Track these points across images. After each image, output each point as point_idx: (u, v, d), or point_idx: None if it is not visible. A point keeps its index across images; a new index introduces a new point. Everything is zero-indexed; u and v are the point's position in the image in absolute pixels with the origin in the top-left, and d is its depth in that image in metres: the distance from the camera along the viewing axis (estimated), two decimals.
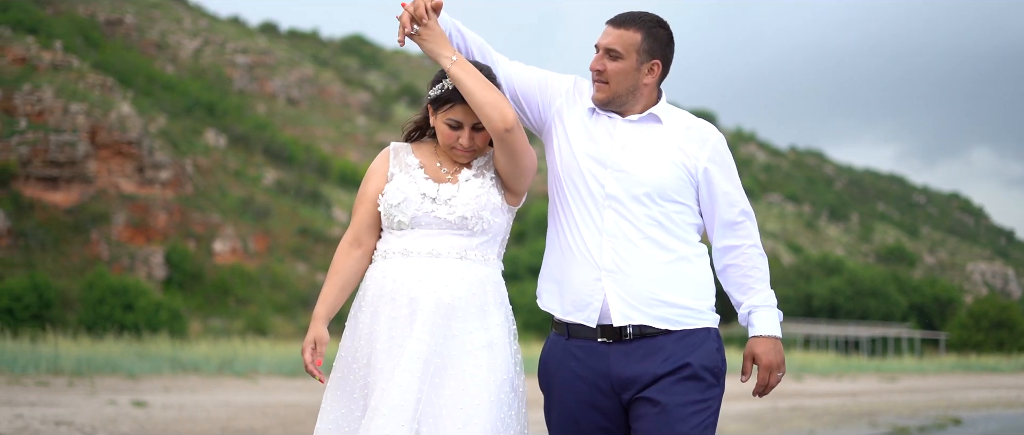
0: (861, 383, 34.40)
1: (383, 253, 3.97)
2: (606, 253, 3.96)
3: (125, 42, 67.74)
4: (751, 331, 4.04)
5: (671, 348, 3.92)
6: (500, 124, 3.85)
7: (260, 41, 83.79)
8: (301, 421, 13.51)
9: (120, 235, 45.69)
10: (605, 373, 3.94)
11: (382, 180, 4.00)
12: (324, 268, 51.26)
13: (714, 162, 4.05)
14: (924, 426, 17.74)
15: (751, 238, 4.07)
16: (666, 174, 3.99)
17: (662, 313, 3.93)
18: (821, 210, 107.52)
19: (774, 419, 17.42)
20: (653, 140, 4.05)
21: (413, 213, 3.91)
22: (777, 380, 4.04)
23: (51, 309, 36.21)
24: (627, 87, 4.03)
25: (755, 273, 4.05)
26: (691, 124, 4.11)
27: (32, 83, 47.63)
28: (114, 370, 20.83)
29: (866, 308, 70.73)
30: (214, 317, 43.74)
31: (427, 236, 3.92)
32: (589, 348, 3.97)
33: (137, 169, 48.01)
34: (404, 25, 3.93)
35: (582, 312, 3.98)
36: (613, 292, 3.94)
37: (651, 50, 4.03)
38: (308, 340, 3.95)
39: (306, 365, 3.92)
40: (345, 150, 69.85)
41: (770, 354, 3.99)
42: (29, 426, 10.39)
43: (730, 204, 4.06)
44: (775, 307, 4.06)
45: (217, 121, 62.06)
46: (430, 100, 3.97)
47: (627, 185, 3.98)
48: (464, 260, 3.92)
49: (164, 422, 12.17)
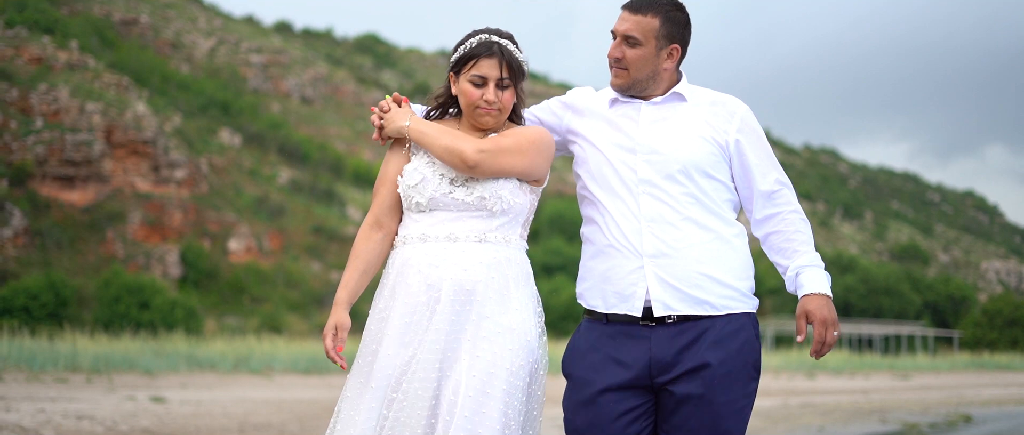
0: (874, 381, 34.45)
1: (402, 239, 3.91)
2: (647, 239, 3.89)
3: (140, 42, 68.06)
4: (801, 291, 3.91)
5: (715, 335, 3.85)
6: (461, 165, 3.82)
7: (274, 40, 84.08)
8: (317, 416, 13.71)
9: (136, 234, 45.97)
10: (644, 356, 3.86)
11: (402, 160, 3.95)
12: (339, 266, 51.48)
13: (744, 134, 4.00)
14: (934, 423, 17.82)
15: (791, 204, 4.00)
16: (697, 149, 3.93)
17: (706, 296, 3.86)
18: (835, 208, 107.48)
19: (784, 416, 17.55)
20: (680, 118, 3.99)
21: (431, 194, 3.85)
22: (834, 338, 3.89)
23: (67, 307, 36.48)
24: (647, 73, 3.97)
25: (798, 237, 3.97)
26: (716, 99, 4.06)
27: (48, 83, 47.95)
28: (131, 367, 21.05)
29: (880, 306, 70.72)
30: (229, 315, 43.98)
31: (446, 220, 3.85)
32: (629, 332, 3.89)
33: (152, 168, 48.29)
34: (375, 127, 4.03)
35: (626, 303, 3.90)
36: (655, 279, 3.87)
37: (670, 35, 3.97)
38: (329, 326, 3.86)
39: (327, 351, 3.86)
40: (359, 149, 70.08)
41: (823, 309, 3.85)
42: (52, 420, 10.61)
43: (764, 174, 4.00)
44: (822, 267, 3.96)
45: (232, 120, 62.33)
46: (452, 65, 3.93)
47: (660, 166, 3.92)
48: (483, 243, 3.85)
49: (183, 418, 12.38)
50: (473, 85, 3.85)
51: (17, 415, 10.72)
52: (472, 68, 3.85)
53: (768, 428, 14.88)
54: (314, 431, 12.11)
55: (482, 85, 3.84)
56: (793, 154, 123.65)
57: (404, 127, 3.90)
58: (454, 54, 3.91)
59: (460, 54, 3.88)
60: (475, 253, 3.83)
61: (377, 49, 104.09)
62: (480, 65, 3.84)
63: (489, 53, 3.85)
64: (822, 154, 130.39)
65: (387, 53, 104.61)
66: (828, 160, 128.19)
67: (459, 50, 3.89)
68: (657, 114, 3.99)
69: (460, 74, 3.88)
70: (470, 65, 3.85)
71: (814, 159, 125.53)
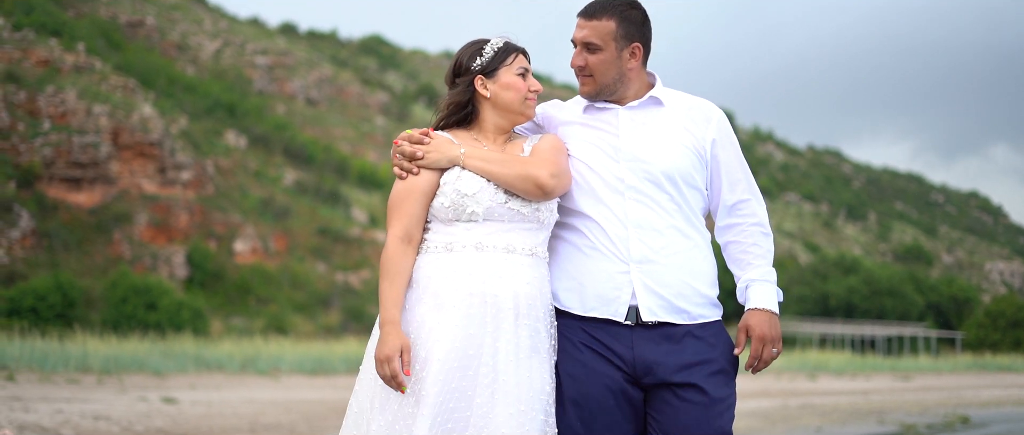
0: (875, 382, 34.63)
1: (447, 245, 3.85)
2: (634, 244, 3.89)
3: (146, 44, 68.33)
4: (747, 304, 3.95)
5: (695, 338, 3.89)
6: (537, 191, 3.84)
7: (279, 42, 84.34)
8: (324, 417, 14.01)
9: (142, 235, 46.20)
10: (628, 355, 3.88)
11: (433, 174, 3.87)
12: (343, 267, 51.72)
13: (720, 140, 4.02)
14: (932, 424, 18.03)
15: (754, 216, 4.03)
16: (680, 157, 3.96)
17: (686, 305, 3.89)
18: (839, 209, 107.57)
19: (783, 416, 17.80)
20: (659, 124, 4.00)
21: (488, 204, 3.83)
22: (771, 355, 3.93)
23: (75, 308, 36.69)
24: (612, 76, 3.96)
25: (755, 250, 4.00)
26: (693, 104, 4.06)
27: (55, 85, 48.20)
28: (141, 368, 21.34)
29: (883, 307, 70.82)
30: (235, 316, 44.22)
31: (499, 230, 3.84)
32: (610, 331, 3.90)
33: (159, 170, 48.52)
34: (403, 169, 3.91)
35: (608, 307, 3.90)
36: (642, 284, 3.89)
37: (628, 34, 3.96)
38: (393, 347, 3.71)
39: (394, 376, 3.69)
40: (364, 150, 70.31)
41: (763, 326, 3.90)
42: (70, 421, 10.92)
43: (734, 183, 4.03)
44: (774, 283, 3.98)
45: (237, 122, 62.58)
46: (481, 68, 3.94)
47: (644, 173, 3.93)
48: (534, 257, 3.89)
49: (195, 418, 12.69)
50: (520, 77, 3.93)
51: (36, 415, 11.04)
52: (514, 63, 3.93)
53: (766, 429, 15.14)
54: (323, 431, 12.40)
55: (526, 75, 3.95)
56: (797, 155, 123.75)
57: (458, 156, 3.86)
58: (479, 58, 3.93)
59: (492, 54, 3.93)
60: (530, 268, 3.86)
61: (381, 50, 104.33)
62: (520, 59, 3.95)
63: (517, 49, 3.96)
64: (826, 155, 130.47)
65: (391, 54, 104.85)
66: (832, 161, 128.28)
67: (486, 53, 3.93)
68: (636, 119, 4.00)
69: (497, 72, 3.91)
70: (511, 59, 3.94)
71: (818, 160, 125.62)
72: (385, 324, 3.76)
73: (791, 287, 68.64)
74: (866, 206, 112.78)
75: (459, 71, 3.97)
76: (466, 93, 3.96)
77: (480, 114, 3.97)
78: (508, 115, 3.96)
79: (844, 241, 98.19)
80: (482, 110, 3.97)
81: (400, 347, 3.71)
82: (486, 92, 3.93)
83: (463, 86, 3.96)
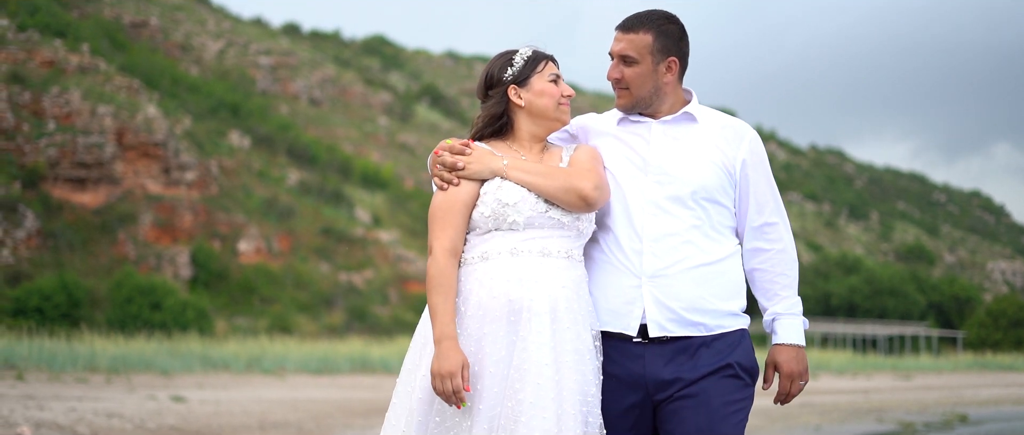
0: (875, 381, 34.80)
1: (482, 254, 3.85)
2: (647, 259, 3.89)
3: (150, 44, 68.55)
4: (774, 339, 3.97)
5: (709, 350, 3.88)
6: (581, 204, 3.86)
7: (283, 42, 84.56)
8: (330, 415, 14.25)
9: (147, 235, 46.39)
10: (640, 373, 3.88)
11: (473, 185, 3.87)
12: (347, 267, 51.93)
13: (751, 160, 4.01)
14: (930, 422, 18.21)
15: (781, 242, 4.01)
16: (709, 174, 3.95)
17: (700, 318, 3.88)
18: (841, 209, 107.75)
19: (782, 414, 17.99)
20: (691, 140, 4.00)
21: (528, 213, 3.83)
22: (799, 389, 3.99)
23: (80, 308, 36.88)
24: (649, 90, 3.97)
25: (782, 280, 4.00)
26: (727, 122, 4.06)
27: (60, 86, 48.40)
28: (148, 367, 21.56)
29: (884, 307, 71.01)
30: (239, 316, 44.43)
31: (537, 236, 3.85)
32: (622, 348, 3.90)
33: (163, 170, 48.72)
34: (443, 180, 3.89)
35: (621, 321, 3.90)
36: (652, 300, 3.88)
37: (665, 49, 3.98)
38: (455, 363, 3.68)
39: (457, 392, 3.67)
40: (367, 150, 70.50)
41: (792, 363, 3.94)
42: (84, 418, 11.15)
43: (761, 205, 4.01)
44: (800, 314, 3.99)
45: (241, 122, 62.79)
46: (514, 77, 3.96)
47: (670, 187, 3.93)
48: (570, 259, 3.88)
49: (204, 416, 12.92)
50: (553, 83, 3.95)
51: (51, 413, 11.27)
52: (545, 69, 3.95)
53: (766, 426, 15.34)
54: (330, 429, 12.63)
55: (558, 81, 3.97)
56: (799, 154, 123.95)
57: (501, 167, 3.86)
58: (511, 69, 3.95)
59: (523, 63, 3.95)
60: (565, 270, 3.85)
61: (385, 50, 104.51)
62: (551, 64, 3.97)
63: (547, 56, 3.99)
64: (828, 154, 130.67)
65: (395, 54, 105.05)
66: (834, 160, 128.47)
67: (516, 63, 3.95)
68: (669, 134, 4.01)
69: (529, 81, 3.93)
70: (542, 66, 3.96)
71: (820, 159, 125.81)
72: (443, 339, 3.71)
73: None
74: (868, 206, 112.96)
75: (492, 83, 3.98)
76: (500, 104, 3.97)
77: (515, 124, 3.99)
78: (544, 122, 3.97)
79: (846, 241, 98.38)
80: (517, 120, 3.98)
81: (462, 363, 3.68)
82: (520, 101, 3.95)
83: (497, 97, 3.97)
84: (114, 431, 10.64)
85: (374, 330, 44.16)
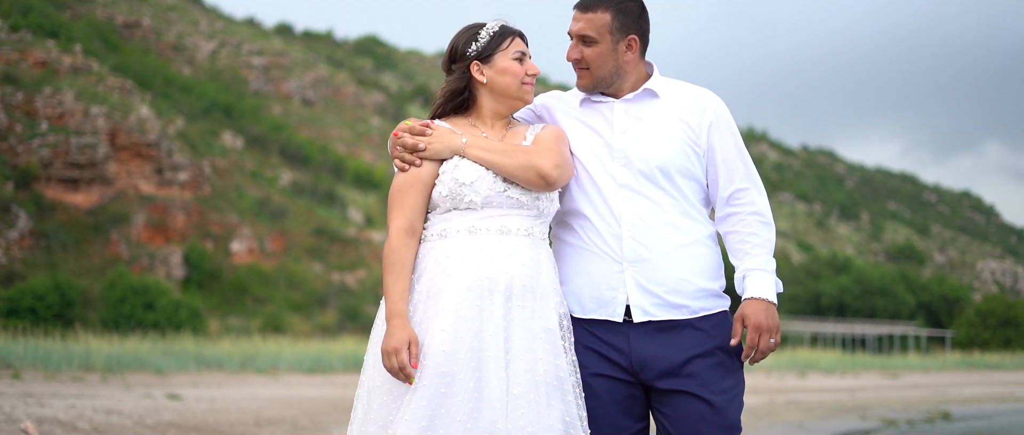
0: (863, 380, 35.05)
1: (441, 232, 3.81)
2: (627, 243, 3.85)
3: (143, 45, 68.66)
4: (743, 294, 3.87)
5: (694, 332, 3.84)
6: (540, 182, 3.80)
7: (275, 42, 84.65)
8: (324, 412, 14.54)
9: (140, 235, 46.55)
10: (626, 351, 3.85)
11: (432, 164, 3.83)
12: (339, 267, 52.15)
13: (716, 124, 3.94)
14: (912, 420, 18.48)
15: (752, 205, 3.93)
16: (673, 150, 3.89)
17: (684, 301, 3.85)
18: (832, 209, 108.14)
19: (768, 411, 18.28)
20: (654, 116, 3.93)
21: (486, 192, 3.79)
22: (769, 345, 3.83)
23: (73, 308, 37.02)
24: (609, 70, 3.91)
25: (753, 239, 3.91)
26: (690, 92, 3.98)
27: (53, 86, 48.55)
28: (142, 366, 21.77)
29: (874, 306, 71.36)
30: (232, 316, 44.61)
31: (495, 215, 3.80)
32: (608, 326, 3.88)
33: (156, 170, 48.89)
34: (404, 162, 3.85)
35: (606, 308, 3.87)
36: (634, 284, 3.85)
37: (624, 26, 3.90)
38: (401, 341, 3.66)
39: (403, 368, 3.64)
40: (360, 151, 70.67)
41: (759, 315, 3.81)
42: (83, 415, 11.42)
43: (731, 172, 3.94)
44: (771, 272, 3.88)
45: (234, 123, 62.95)
46: (478, 53, 3.88)
47: (637, 168, 3.88)
48: (531, 237, 3.82)
49: (200, 413, 13.19)
50: (517, 62, 3.87)
51: (51, 410, 11.54)
52: (510, 46, 3.87)
53: (751, 423, 15.61)
54: (324, 426, 12.92)
55: (523, 59, 3.89)
56: (790, 155, 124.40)
57: (460, 146, 3.82)
58: (475, 44, 3.88)
59: (488, 38, 3.88)
60: (525, 248, 3.79)
61: (377, 51, 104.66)
62: (517, 41, 3.89)
63: (514, 32, 3.91)
64: (819, 155, 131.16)
65: (387, 55, 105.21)
66: (825, 161, 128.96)
67: (481, 38, 3.88)
68: (631, 113, 3.95)
69: (493, 58, 3.86)
70: (507, 43, 3.88)
71: (811, 160, 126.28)
72: (392, 317, 3.72)
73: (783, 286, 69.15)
74: (859, 206, 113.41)
75: (455, 57, 3.91)
76: (462, 80, 3.89)
77: (477, 100, 3.91)
78: (505, 100, 3.90)
79: (837, 241, 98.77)
80: (479, 96, 3.91)
81: (408, 339, 3.66)
82: (482, 78, 3.87)
83: (459, 72, 3.89)
84: (114, 427, 10.91)
85: (367, 330, 44.31)
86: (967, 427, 17.48)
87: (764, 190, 4.00)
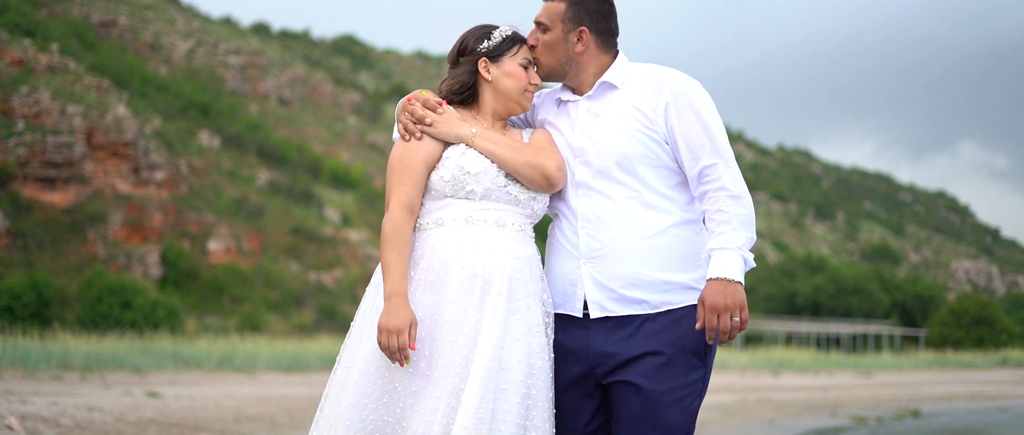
0: (836, 378, 35.34)
1: (437, 221, 3.85)
2: (583, 240, 3.86)
3: (119, 44, 68.50)
4: (707, 275, 3.75)
5: (651, 328, 3.80)
6: (543, 181, 3.87)
7: (252, 42, 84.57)
8: (302, 410, 14.73)
9: (116, 234, 46.51)
10: (586, 345, 3.85)
11: (435, 146, 3.86)
12: (317, 267, 52.21)
13: (674, 103, 3.86)
14: (882, 417, 18.74)
15: (719, 181, 3.80)
16: (627, 142, 3.86)
17: (641, 295, 3.81)
18: (807, 209, 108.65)
19: (740, 410, 18.53)
20: (610, 110, 3.91)
21: (488, 185, 3.83)
22: (730, 325, 3.67)
23: (50, 307, 37.01)
24: (558, 59, 3.93)
25: (718, 216, 3.77)
26: (649, 76, 3.93)
27: (29, 85, 48.42)
28: (121, 365, 21.86)
29: (849, 306, 71.78)
30: (209, 315, 44.63)
31: (492, 208, 3.85)
32: (572, 322, 3.90)
33: (133, 170, 48.83)
34: (408, 130, 3.87)
35: (568, 302, 3.90)
36: (590, 280, 3.85)
37: (576, 18, 3.91)
38: (402, 321, 3.66)
39: (401, 349, 3.65)
40: (337, 150, 70.70)
41: (715, 295, 3.66)
42: (66, 412, 11.57)
43: (695, 150, 3.84)
44: (736, 250, 3.72)
45: (211, 122, 62.91)
46: (487, 50, 3.95)
47: (592, 165, 3.88)
48: (523, 233, 3.89)
49: (180, 410, 13.36)
50: (524, 68, 3.95)
51: (34, 407, 11.69)
52: (519, 53, 3.94)
53: (721, 421, 15.86)
54: (302, 423, 13.11)
55: (528, 69, 3.96)
56: (767, 155, 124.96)
57: (468, 135, 3.87)
58: (487, 41, 3.94)
59: (500, 40, 3.95)
60: (519, 243, 3.86)
61: (354, 50, 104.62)
62: (525, 50, 3.96)
63: (523, 40, 3.98)
64: (795, 155, 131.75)
65: (364, 54, 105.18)
66: (801, 161, 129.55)
67: (494, 38, 3.95)
68: (591, 110, 3.95)
69: (501, 58, 3.93)
70: (517, 49, 3.95)
71: (787, 160, 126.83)
72: (393, 296, 3.70)
73: (759, 286, 69.57)
74: (834, 206, 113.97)
75: (464, 51, 3.96)
76: (469, 74, 3.95)
77: (480, 97, 3.97)
78: (506, 103, 3.95)
79: (813, 240, 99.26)
80: (482, 93, 3.96)
81: (410, 320, 3.67)
82: (488, 75, 3.93)
83: (467, 66, 3.95)
84: (96, 424, 11.07)
85: (344, 329, 44.43)
86: (934, 424, 17.75)
87: (734, 163, 3.87)
